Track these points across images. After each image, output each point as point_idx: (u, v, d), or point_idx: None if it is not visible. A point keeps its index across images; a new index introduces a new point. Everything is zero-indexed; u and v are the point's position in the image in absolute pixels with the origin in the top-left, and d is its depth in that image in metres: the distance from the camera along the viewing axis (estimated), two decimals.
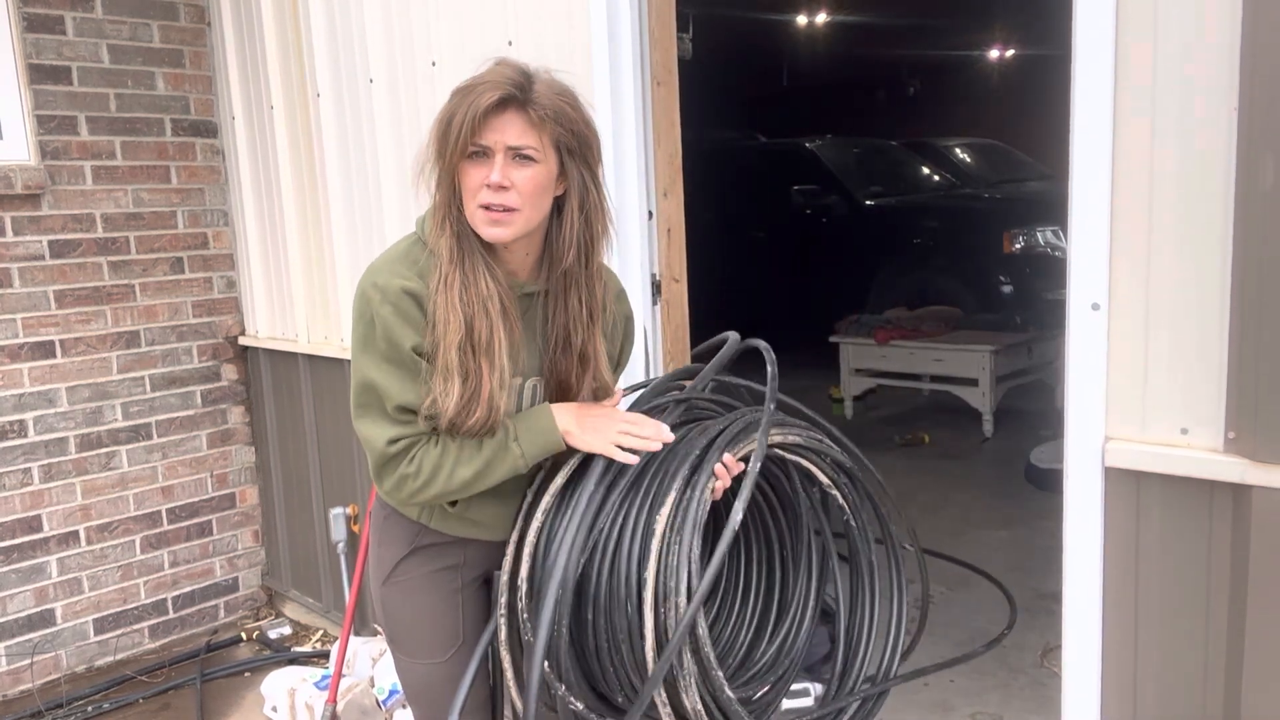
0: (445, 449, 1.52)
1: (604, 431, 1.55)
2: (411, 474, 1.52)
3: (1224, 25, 1.50)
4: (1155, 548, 1.68)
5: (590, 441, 1.55)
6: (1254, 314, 1.50)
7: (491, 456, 1.53)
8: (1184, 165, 1.57)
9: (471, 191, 1.47)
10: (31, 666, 3.32)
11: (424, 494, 1.54)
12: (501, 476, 1.56)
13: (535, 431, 1.56)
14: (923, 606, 2.13)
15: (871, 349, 5.91)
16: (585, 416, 1.57)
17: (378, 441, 1.52)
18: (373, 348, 1.50)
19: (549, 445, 1.56)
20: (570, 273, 1.58)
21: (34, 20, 3.21)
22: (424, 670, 1.71)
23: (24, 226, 3.23)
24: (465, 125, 1.42)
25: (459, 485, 1.53)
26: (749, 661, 1.87)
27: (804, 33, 10.20)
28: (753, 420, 1.69)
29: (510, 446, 1.54)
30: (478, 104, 1.42)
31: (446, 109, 1.46)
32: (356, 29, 2.95)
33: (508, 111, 1.45)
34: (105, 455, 3.46)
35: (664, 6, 2.42)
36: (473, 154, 1.45)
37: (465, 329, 1.47)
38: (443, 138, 1.45)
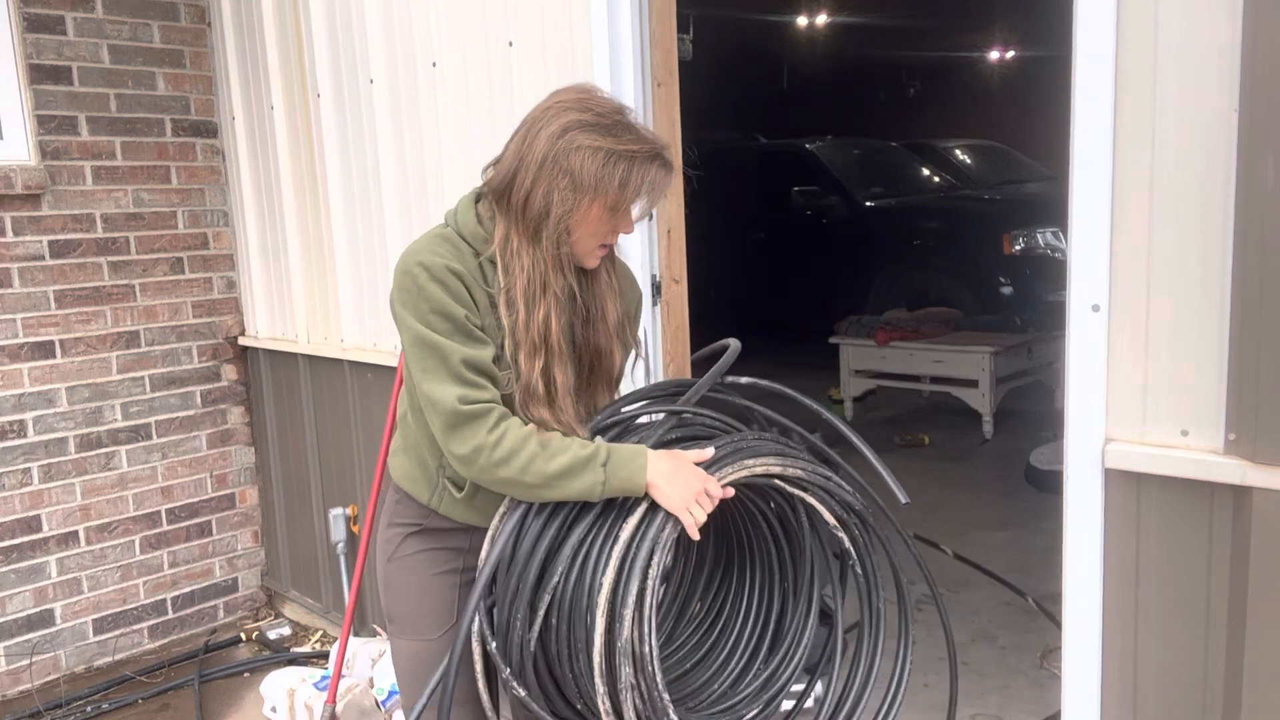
0: (533, 433, 1.53)
1: (685, 494, 1.54)
2: (491, 444, 1.51)
3: (1224, 25, 1.50)
4: (1155, 549, 1.68)
5: (669, 498, 1.54)
6: (1254, 315, 1.50)
7: (575, 465, 1.52)
8: (1184, 166, 1.57)
9: (601, 235, 1.58)
10: (30, 667, 3.32)
11: (497, 472, 1.52)
12: (574, 493, 1.53)
13: (626, 467, 1.54)
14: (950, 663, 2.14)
15: (871, 350, 5.91)
16: (676, 472, 1.55)
17: (446, 399, 1.51)
18: (424, 317, 1.53)
19: (632, 486, 1.54)
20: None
21: (34, 20, 3.21)
22: (415, 649, 1.75)
23: (24, 226, 3.23)
24: (648, 201, 1.57)
25: (534, 479, 1.52)
26: (738, 685, 1.86)
27: (804, 34, 10.22)
28: (745, 446, 1.66)
29: (596, 468, 1.53)
30: (662, 184, 1.56)
31: (622, 173, 1.51)
32: (357, 29, 2.95)
33: None
34: (105, 455, 3.46)
35: (664, 7, 2.42)
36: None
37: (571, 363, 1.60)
38: (615, 198, 1.53)
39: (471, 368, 1.53)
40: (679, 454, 1.59)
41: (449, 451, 1.54)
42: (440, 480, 1.70)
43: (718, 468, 1.61)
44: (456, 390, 1.52)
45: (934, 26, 9.83)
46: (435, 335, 1.53)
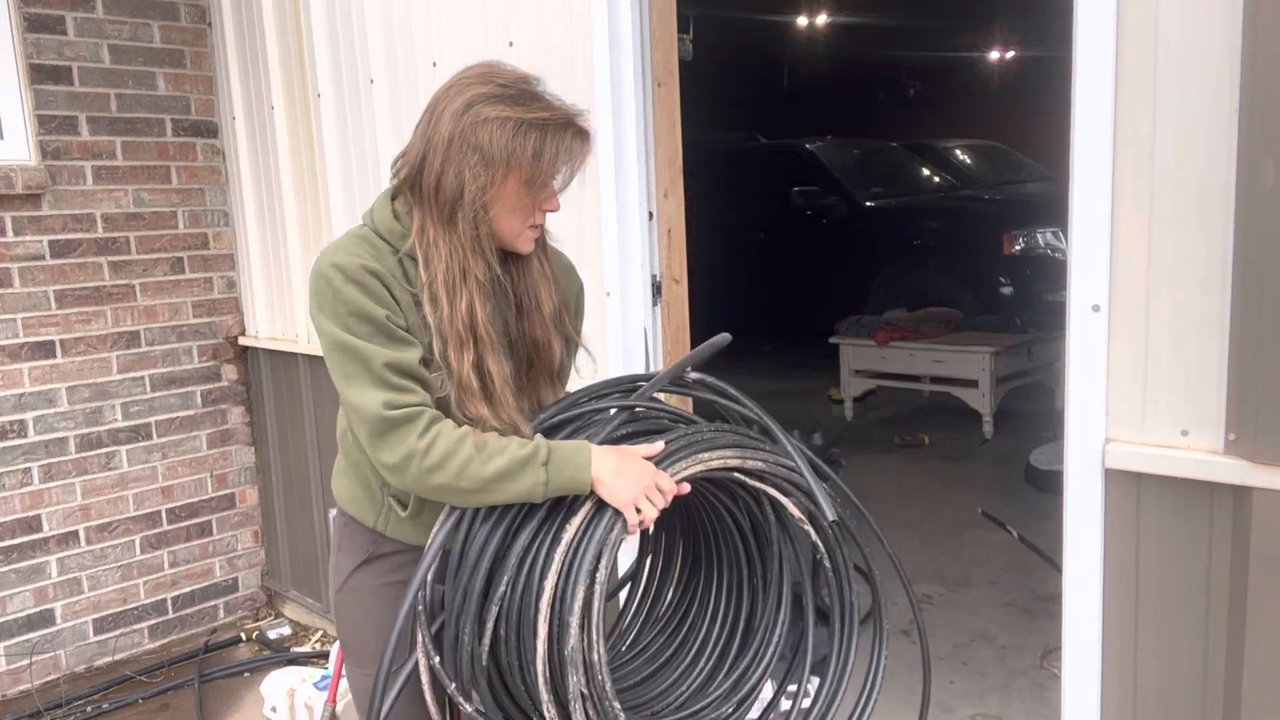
0: (467, 435, 1.45)
1: (633, 489, 1.48)
2: (422, 450, 1.43)
3: (1224, 25, 1.50)
4: (1155, 549, 1.68)
5: (616, 494, 1.47)
6: (1254, 315, 1.50)
7: (514, 466, 1.44)
8: (1184, 166, 1.57)
9: (525, 213, 1.51)
10: (30, 666, 3.32)
11: (431, 479, 1.43)
12: (516, 495, 1.45)
13: (569, 465, 1.46)
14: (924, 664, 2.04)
15: (871, 350, 5.91)
16: (623, 467, 1.48)
17: (371, 406, 1.43)
18: (342, 320, 1.45)
19: (576, 484, 1.47)
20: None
21: (35, 20, 3.21)
22: (367, 681, 1.65)
23: (24, 226, 3.23)
24: (567, 171, 1.50)
25: (470, 483, 1.43)
26: (708, 687, 1.81)
27: (804, 34, 10.22)
28: (700, 439, 1.59)
29: (537, 468, 1.45)
30: (580, 152, 1.49)
31: (533, 145, 1.45)
32: (357, 29, 2.96)
33: None
34: (105, 455, 3.46)
35: (665, 7, 2.43)
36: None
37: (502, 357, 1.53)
38: (529, 172, 1.46)
39: (396, 371, 1.44)
40: (626, 449, 1.52)
41: (378, 461, 1.46)
42: (385, 500, 1.62)
43: (670, 462, 1.55)
44: (381, 395, 1.43)
45: (934, 26, 9.83)
46: (355, 339, 1.44)
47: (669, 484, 1.51)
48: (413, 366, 1.46)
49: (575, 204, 2.47)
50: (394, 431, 1.43)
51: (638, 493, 1.48)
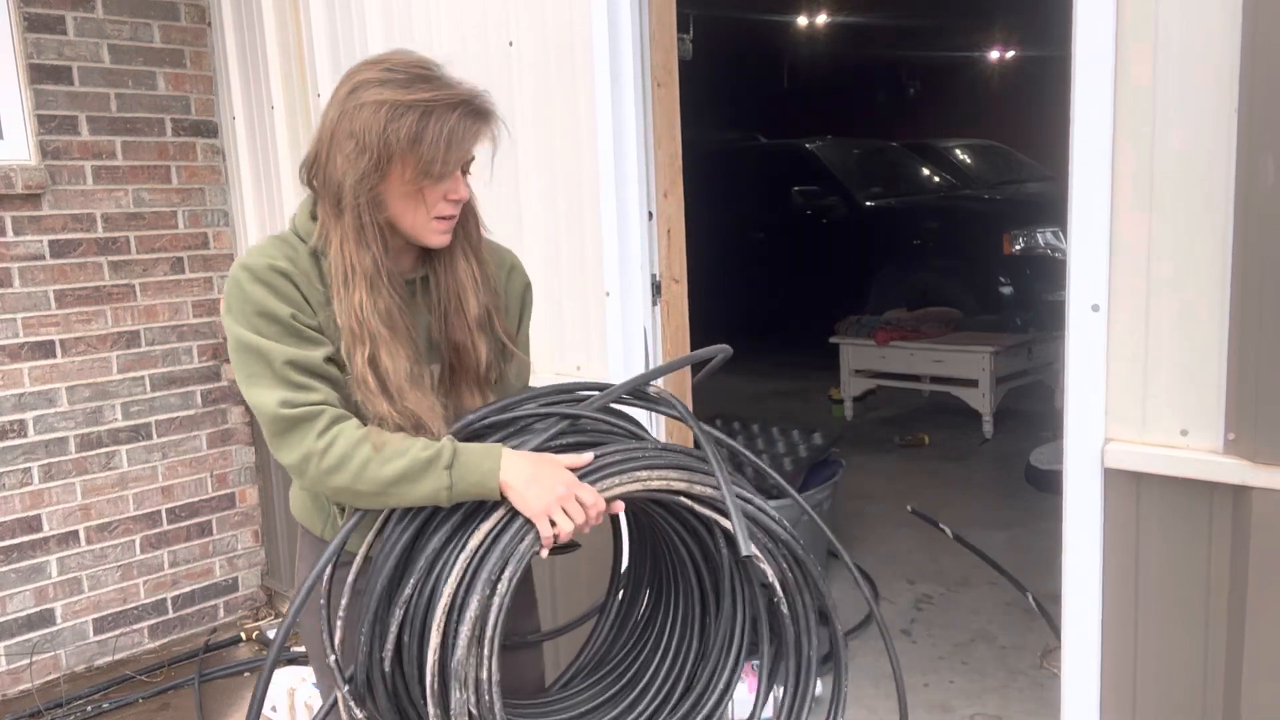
0: (368, 436, 1.39)
1: (546, 498, 1.39)
2: (320, 450, 1.38)
3: (1224, 25, 1.50)
4: (1155, 549, 1.68)
5: (527, 502, 1.39)
6: (1254, 315, 1.50)
7: (414, 468, 1.38)
8: (1184, 166, 1.57)
9: (429, 206, 1.44)
10: (30, 666, 3.32)
11: (330, 480, 1.39)
12: (417, 499, 1.39)
13: (475, 468, 1.39)
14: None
15: (871, 350, 5.91)
16: (538, 474, 1.40)
17: (268, 405, 1.39)
18: (247, 320, 1.42)
19: (483, 490, 1.39)
20: (454, 244, 1.53)
21: (34, 20, 3.21)
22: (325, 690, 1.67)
23: (24, 226, 3.23)
24: (457, 153, 1.40)
25: (369, 485, 1.38)
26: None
27: (804, 33, 10.23)
28: (642, 456, 1.50)
29: (439, 471, 1.38)
30: (470, 133, 1.41)
31: (409, 128, 1.37)
32: (357, 29, 2.96)
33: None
34: (105, 455, 3.46)
35: (664, 7, 2.43)
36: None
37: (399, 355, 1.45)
38: (408, 158, 1.39)
39: (298, 369, 1.40)
40: (547, 456, 1.44)
41: (281, 462, 1.42)
42: (329, 506, 1.59)
43: (600, 476, 1.45)
44: (280, 394, 1.39)
45: (934, 26, 9.83)
46: (258, 338, 1.40)
47: (591, 498, 1.42)
48: (317, 364, 1.42)
49: (575, 203, 2.47)
50: (292, 431, 1.39)
51: (551, 503, 1.39)
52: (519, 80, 2.53)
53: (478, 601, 1.36)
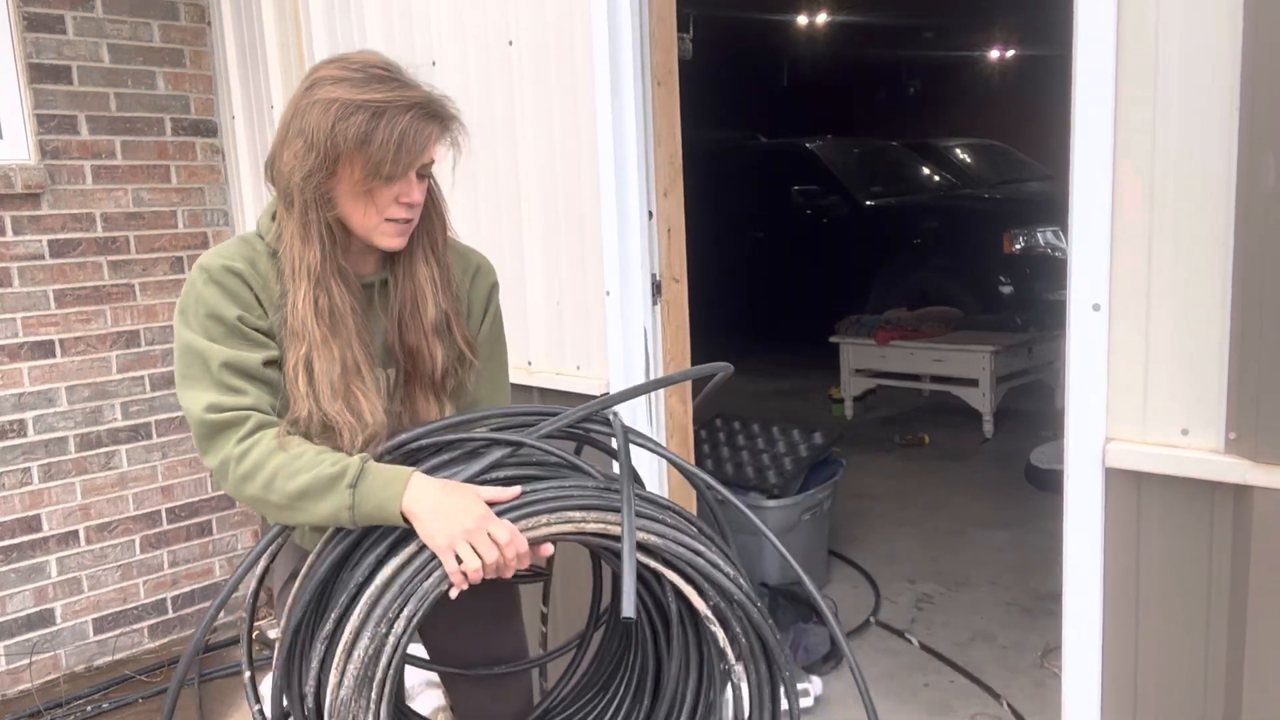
0: (282, 447, 1.36)
1: (451, 531, 1.31)
2: (237, 456, 1.36)
3: (1225, 25, 1.50)
4: (1156, 549, 1.68)
5: (431, 533, 1.31)
6: (1255, 314, 1.50)
7: (317, 485, 1.33)
8: (1185, 165, 1.56)
9: (380, 207, 1.40)
10: (30, 666, 3.32)
11: (244, 488, 1.36)
12: (321, 517, 1.34)
13: (379, 491, 1.32)
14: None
15: (871, 349, 5.91)
16: (447, 504, 1.32)
17: (195, 409, 1.37)
18: (195, 322, 1.41)
19: (384, 515, 1.33)
20: (415, 248, 1.50)
21: (34, 20, 3.21)
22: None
23: (24, 226, 3.23)
24: (406, 156, 1.37)
25: (279, 498, 1.35)
26: None
27: (804, 33, 10.22)
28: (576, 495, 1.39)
29: (342, 490, 1.32)
30: (422, 136, 1.37)
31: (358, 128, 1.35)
32: (356, 29, 2.95)
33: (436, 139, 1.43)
34: (105, 455, 3.46)
35: (664, 6, 2.42)
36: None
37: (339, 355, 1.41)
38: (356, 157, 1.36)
39: (233, 371, 1.38)
40: (462, 486, 1.35)
41: (205, 466, 1.42)
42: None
43: (526, 514, 1.35)
44: (208, 398, 1.37)
45: (934, 25, 9.83)
46: (200, 340, 1.39)
47: (506, 535, 1.32)
48: (253, 367, 1.39)
49: (575, 202, 2.47)
50: (216, 436, 1.37)
51: (457, 536, 1.30)
52: (519, 80, 2.53)
53: (367, 639, 1.29)
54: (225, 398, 1.38)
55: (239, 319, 1.41)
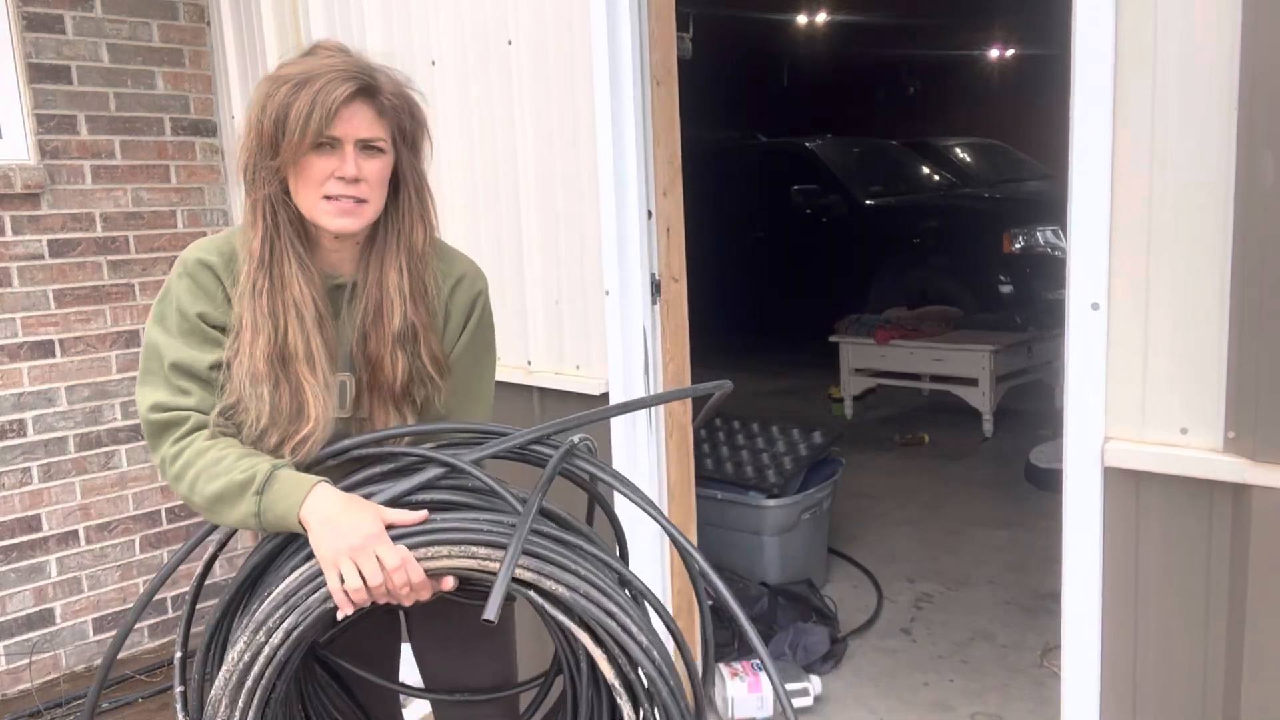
0: (209, 451, 1.37)
1: (338, 546, 1.28)
2: (170, 457, 1.38)
3: (1224, 24, 1.50)
4: (1155, 547, 1.68)
5: (319, 545, 1.29)
6: (1254, 313, 1.50)
7: (229, 490, 1.33)
8: (1184, 164, 1.56)
9: (315, 184, 1.38)
10: (30, 666, 3.32)
11: (177, 489, 1.39)
12: (235, 522, 1.35)
13: (283, 499, 1.32)
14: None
15: (871, 349, 5.91)
16: (340, 518, 1.29)
17: (141, 407, 1.40)
18: (160, 317, 1.43)
19: (284, 524, 1.33)
20: (388, 253, 1.46)
21: (33, 19, 3.20)
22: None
23: (23, 226, 3.23)
24: (316, 117, 1.33)
25: (200, 500, 1.36)
26: None
27: (804, 32, 10.22)
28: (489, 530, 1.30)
29: (249, 496, 1.32)
30: (330, 96, 1.34)
31: (279, 98, 1.35)
32: (356, 28, 2.95)
33: (356, 102, 1.37)
34: (105, 455, 3.45)
35: (664, 6, 2.42)
36: (318, 145, 1.37)
37: (277, 339, 1.38)
38: (278, 129, 1.35)
39: (180, 371, 1.40)
40: (365, 504, 1.32)
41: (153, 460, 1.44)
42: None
43: (425, 542, 1.28)
44: (155, 396, 1.40)
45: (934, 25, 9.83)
46: (160, 335, 1.41)
47: (393, 560, 1.28)
48: (200, 369, 1.40)
49: (575, 202, 2.47)
50: (157, 435, 1.40)
51: (342, 552, 1.28)
52: (518, 79, 2.53)
53: (243, 645, 1.28)
54: (170, 398, 1.40)
55: (199, 316, 1.42)
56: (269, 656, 1.28)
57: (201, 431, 1.39)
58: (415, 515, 1.33)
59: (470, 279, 1.58)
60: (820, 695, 2.84)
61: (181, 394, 1.40)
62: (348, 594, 1.29)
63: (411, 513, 1.33)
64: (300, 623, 1.29)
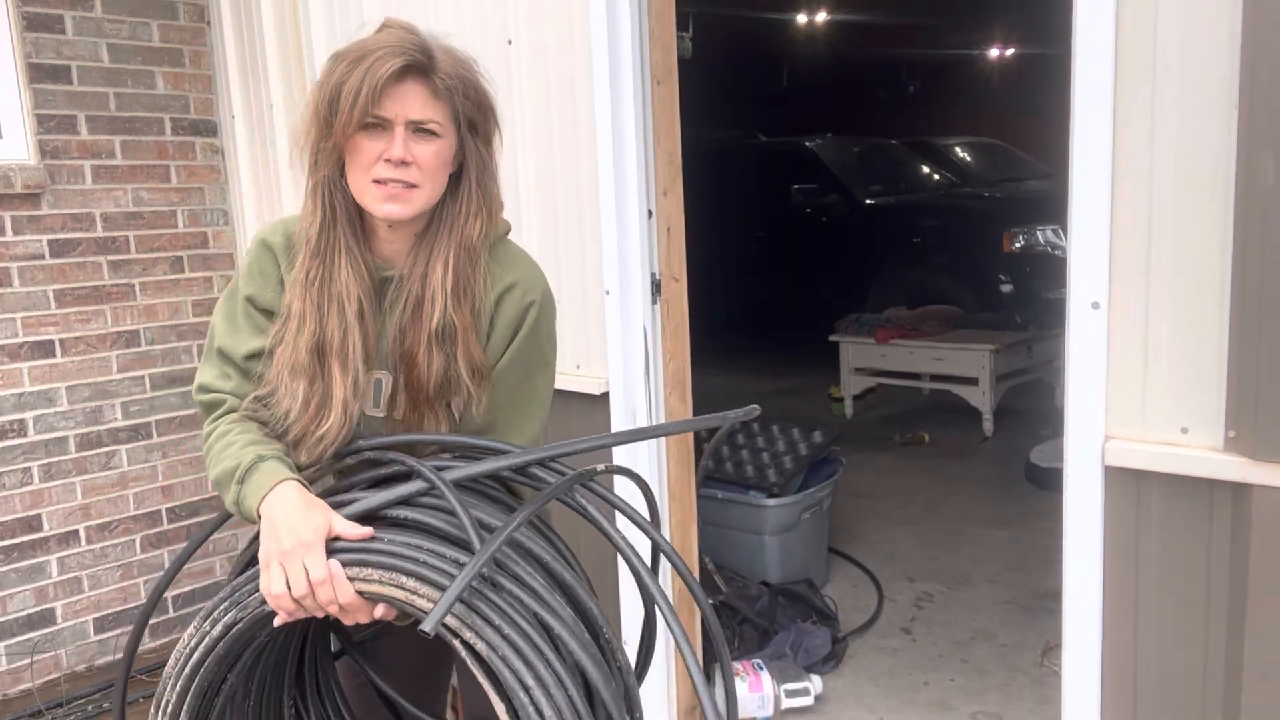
0: (227, 434, 1.38)
1: (275, 546, 1.24)
2: (204, 436, 1.42)
3: (1224, 24, 1.50)
4: (1155, 547, 1.68)
5: (262, 543, 1.27)
6: (1254, 312, 1.50)
7: (223, 477, 1.34)
8: (1184, 163, 1.56)
9: (364, 166, 1.33)
10: (31, 666, 3.32)
11: (207, 470, 1.41)
12: (229, 508, 1.36)
13: (255, 491, 1.30)
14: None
15: (871, 348, 5.91)
16: (282, 517, 1.25)
17: (195, 383, 1.45)
18: (229, 294, 1.46)
19: (250, 515, 1.31)
20: (437, 247, 1.39)
21: (33, 19, 3.20)
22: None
23: (24, 226, 3.23)
24: (363, 95, 1.28)
25: (211, 483, 1.39)
26: None
27: (804, 32, 10.22)
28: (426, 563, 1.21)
29: (233, 484, 1.33)
30: (377, 72, 1.28)
31: (335, 76, 1.31)
32: (356, 28, 2.94)
33: (408, 81, 1.32)
34: (105, 454, 3.46)
35: (664, 5, 2.42)
36: (369, 126, 1.32)
37: (320, 332, 1.36)
38: (331, 108, 1.30)
39: (223, 357, 1.43)
40: (320, 510, 1.27)
41: None
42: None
43: (356, 563, 1.21)
44: (202, 376, 1.44)
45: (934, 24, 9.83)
46: (218, 315, 1.45)
47: (319, 573, 1.22)
48: (236, 357, 1.42)
49: (574, 201, 2.47)
50: (202, 414, 1.45)
51: (273, 554, 1.24)
52: (518, 79, 2.53)
53: (192, 630, 1.28)
54: (214, 380, 1.44)
55: (248, 298, 1.43)
56: (209, 647, 1.28)
57: (231, 414, 1.41)
58: (357, 531, 1.26)
59: (523, 288, 1.46)
60: (821, 695, 2.84)
61: (224, 378, 1.43)
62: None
63: (360, 528, 1.27)
64: (240, 618, 1.28)
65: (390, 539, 1.25)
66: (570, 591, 1.29)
